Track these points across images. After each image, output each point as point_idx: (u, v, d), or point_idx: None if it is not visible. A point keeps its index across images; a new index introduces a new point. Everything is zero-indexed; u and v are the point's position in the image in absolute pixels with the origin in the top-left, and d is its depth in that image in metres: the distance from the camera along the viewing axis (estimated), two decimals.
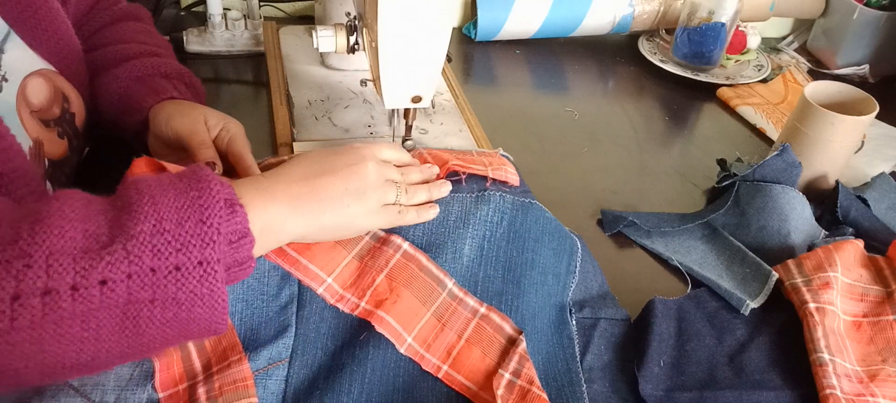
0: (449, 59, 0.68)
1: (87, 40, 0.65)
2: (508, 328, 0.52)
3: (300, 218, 0.47)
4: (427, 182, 0.57)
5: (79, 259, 0.35)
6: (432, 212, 0.55)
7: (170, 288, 0.37)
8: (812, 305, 0.56)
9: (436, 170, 0.58)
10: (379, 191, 0.51)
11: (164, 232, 0.37)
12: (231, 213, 0.40)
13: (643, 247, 0.67)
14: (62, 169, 0.55)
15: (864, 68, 1.05)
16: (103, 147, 0.65)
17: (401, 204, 0.53)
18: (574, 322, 0.56)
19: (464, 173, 0.58)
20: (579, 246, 0.60)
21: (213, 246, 0.39)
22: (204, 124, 0.57)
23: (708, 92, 0.97)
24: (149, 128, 0.59)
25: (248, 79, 0.87)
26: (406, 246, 0.54)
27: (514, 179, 0.60)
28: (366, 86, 0.65)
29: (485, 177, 0.59)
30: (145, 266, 0.37)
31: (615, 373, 0.53)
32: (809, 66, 1.09)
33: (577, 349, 0.54)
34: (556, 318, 0.55)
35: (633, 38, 1.09)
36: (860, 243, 0.63)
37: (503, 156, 0.65)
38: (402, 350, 0.50)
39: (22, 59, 0.52)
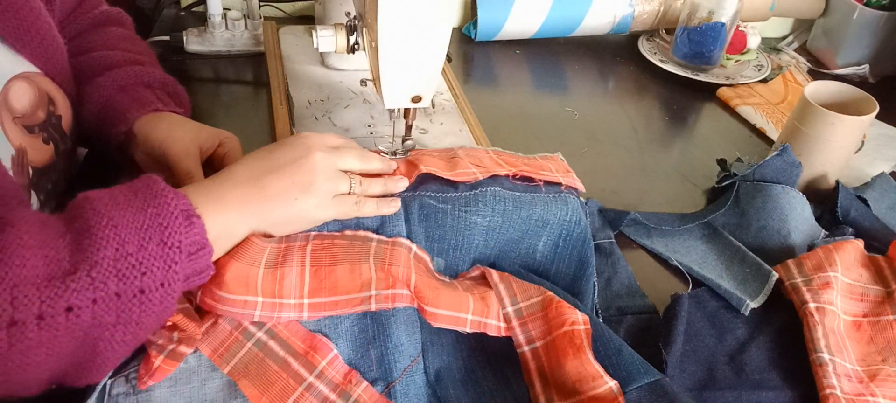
0: (449, 59, 0.68)
1: (71, 43, 0.62)
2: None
3: (251, 220, 0.47)
4: (382, 175, 0.56)
5: (43, 287, 0.35)
6: (393, 206, 0.54)
7: (134, 311, 0.38)
8: (812, 305, 0.56)
9: (394, 164, 0.57)
10: (329, 182, 0.50)
11: (126, 255, 0.37)
12: (189, 226, 0.40)
13: (643, 247, 0.67)
14: (48, 176, 0.53)
15: (864, 68, 1.05)
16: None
17: (357, 194, 0.52)
18: (600, 319, 0.57)
19: (540, 179, 0.59)
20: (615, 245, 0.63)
21: (175, 267, 0.39)
22: (197, 148, 0.57)
23: (708, 92, 0.97)
24: (135, 141, 0.58)
25: (248, 80, 0.87)
26: (416, 248, 0.54)
27: (580, 186, 0.61)
28: (366, 85, 0.65)
29: (559, 183, 0.60)
30: (110, 291, 0.37)
31: None
32: (809, 66, 1.09)
33: None
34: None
35: (633, 38, 1.09)
36: (860, 243, 0.63)
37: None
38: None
39: (3, 62, 0.49)
